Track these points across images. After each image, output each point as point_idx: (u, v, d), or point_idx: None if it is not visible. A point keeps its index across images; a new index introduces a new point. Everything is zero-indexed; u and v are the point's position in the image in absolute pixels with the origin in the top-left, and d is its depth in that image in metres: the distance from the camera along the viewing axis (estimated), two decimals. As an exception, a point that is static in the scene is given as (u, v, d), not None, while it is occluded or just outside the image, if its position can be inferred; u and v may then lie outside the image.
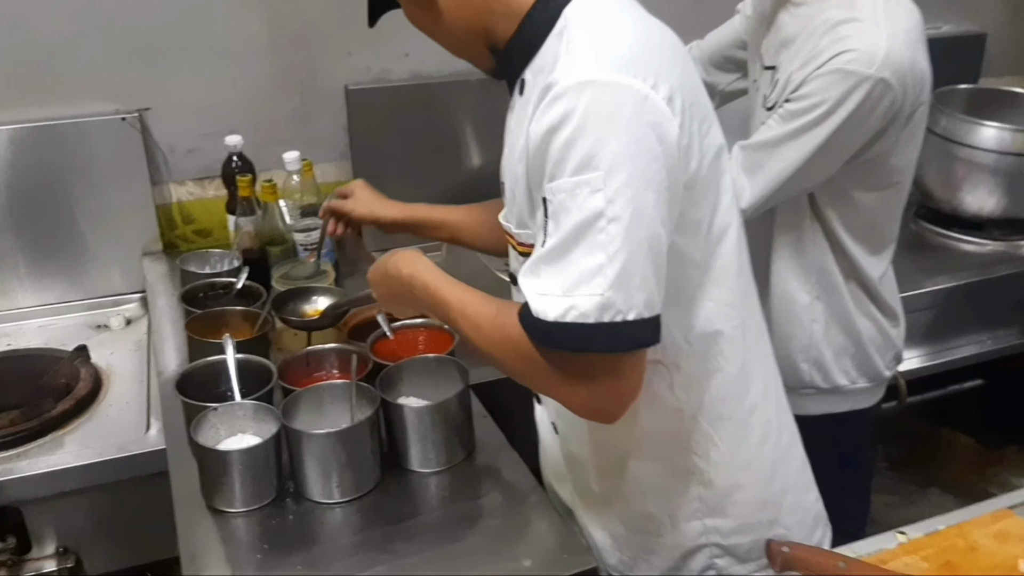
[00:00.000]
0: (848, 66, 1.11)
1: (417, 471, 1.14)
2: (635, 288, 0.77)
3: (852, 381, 1.36)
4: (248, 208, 1.59)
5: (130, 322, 1.75)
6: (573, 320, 0.77)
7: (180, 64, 1.78)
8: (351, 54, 1.91)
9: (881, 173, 1.24)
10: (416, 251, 1.03)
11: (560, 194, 0.77)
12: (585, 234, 0.76)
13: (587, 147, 0.75)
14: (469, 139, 2.03)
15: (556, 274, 0.78)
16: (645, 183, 0.77)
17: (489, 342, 0.86)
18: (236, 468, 1.04)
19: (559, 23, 0.84)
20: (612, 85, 0.76)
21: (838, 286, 1.31)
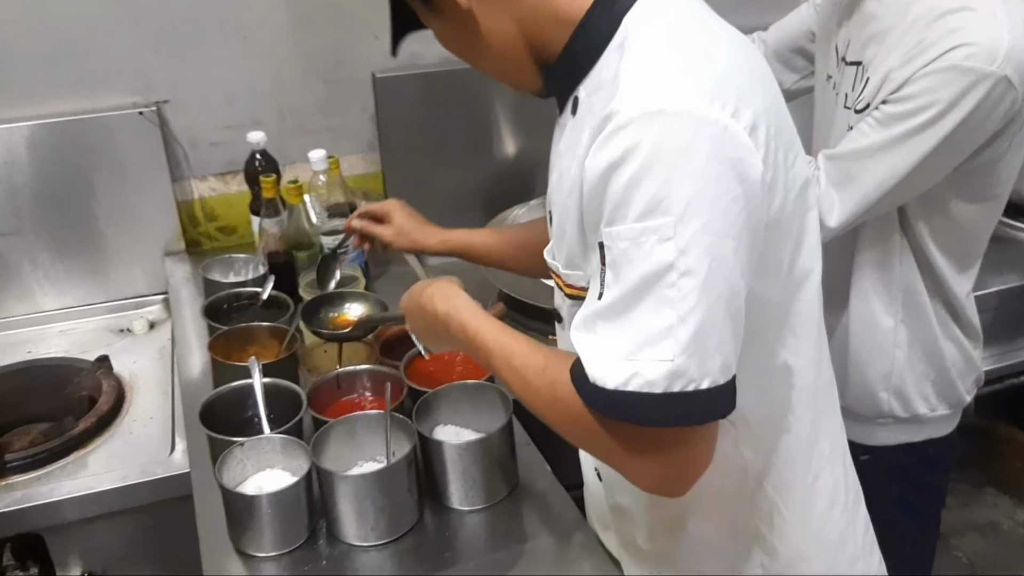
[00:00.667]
0: (966, 62, 0.97)
1: (457, 509, 1.06)
2: (711, 352, 0.66)
3: (932, 409, 1.26)
4: (273, 210, 1.51)
5: (153, 325, 1.68)
6: (637, 389, 0.66)
7: (200, 53, 1.69)
8: (378, 38, 1.80)
9: (985, 183, 1.12)
10: (453, 283, 0.93)
11: (622, 241, 0.67)
12: (652, 289, 0.66)
13: (655, 188, 0.64)
14: (504, 128, 1.93)
15: (616, 334, 0.68)
16: (724, 230, 0.66)
17: (537, 399, 0.76)
18: (265, 512, 0.97)
19: (619, 34, 0.73)
20: (685, 115, 0.65)
21: (924, 307, 1.20)
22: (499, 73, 0.83)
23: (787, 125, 0.75)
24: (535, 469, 1.13)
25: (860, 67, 1.12)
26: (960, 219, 1.14)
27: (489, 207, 1.86)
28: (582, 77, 0.76)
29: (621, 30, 0.73)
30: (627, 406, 0.67)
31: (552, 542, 1.03)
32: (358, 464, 1.08)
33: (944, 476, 1.40)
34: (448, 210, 1.93)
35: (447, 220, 1.95)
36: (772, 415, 0.82)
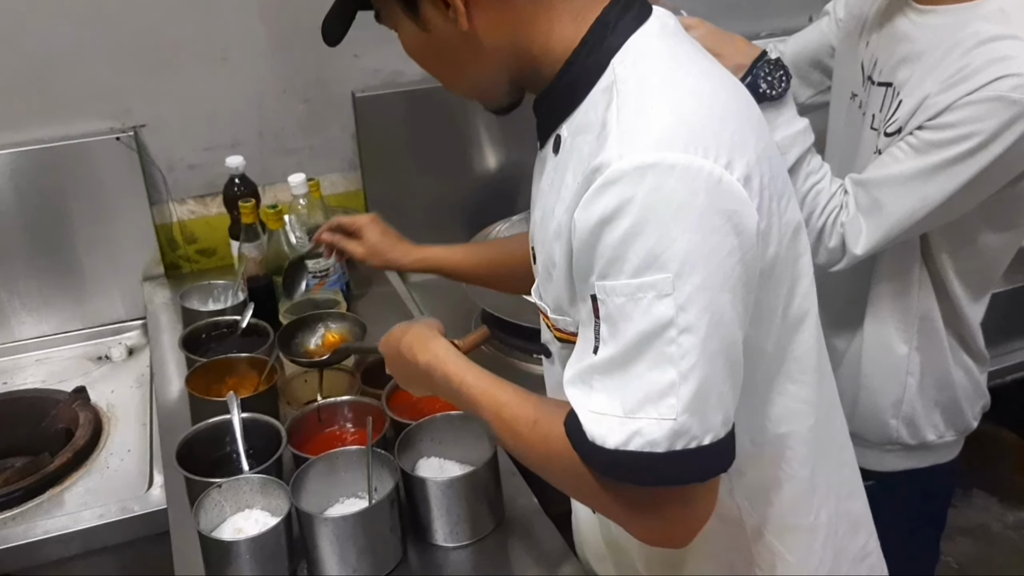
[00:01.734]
0: (1013, 94, 0.94)
1: (442, 546, 1.04)
2: (712, 408, 0.65)
3: (940, 436, 1.24)
4: (252, 234, 1.49)
5: (132, 352, 1.66)
6: (639, 449, 0.64)
7: (178, 75, 1.66)
8: (358, 56, 1.79)
9: (1014, 212, 1.09)
10: (432, 328, 0.90)
11: (618, 297, 0.65)
12: (651, 345, 0.64)
13: (650, 244, 0.63)
14: (486, 144, 1.91)
15: (615, 390, 0.65)
16: (721, 284, 0.64)
17: (531, 453, 0.74)
18: (244, 557, 0.94)
19: (606, 76, 0.70)
20: (679, 169, 0.63)
21: (939, 334, 1.18)
22: (469, 89, 0.80)
23: (780, 171, 0.73)
24: (522, 500, 1.11)
25: (891, 88, 1.09)
26: (984, 249, 1.12)
27: (472, 223, 1.85)
28: (565, 115, 0.74)
29: (608, 72, 0.70)
30: (628, 466, 0.65)
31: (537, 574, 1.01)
32: (340, 500, 1.06)
33: (946, 502, 1.39)
34: (430, 227, 1.91)
35: (429, 237, 1.93)
36: (771, 462, 0.80)
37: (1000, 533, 2.28)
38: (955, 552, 2.23)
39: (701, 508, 0.68)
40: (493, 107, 0.81)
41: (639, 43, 0.71)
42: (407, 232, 1.92)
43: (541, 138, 0.80)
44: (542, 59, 0.74)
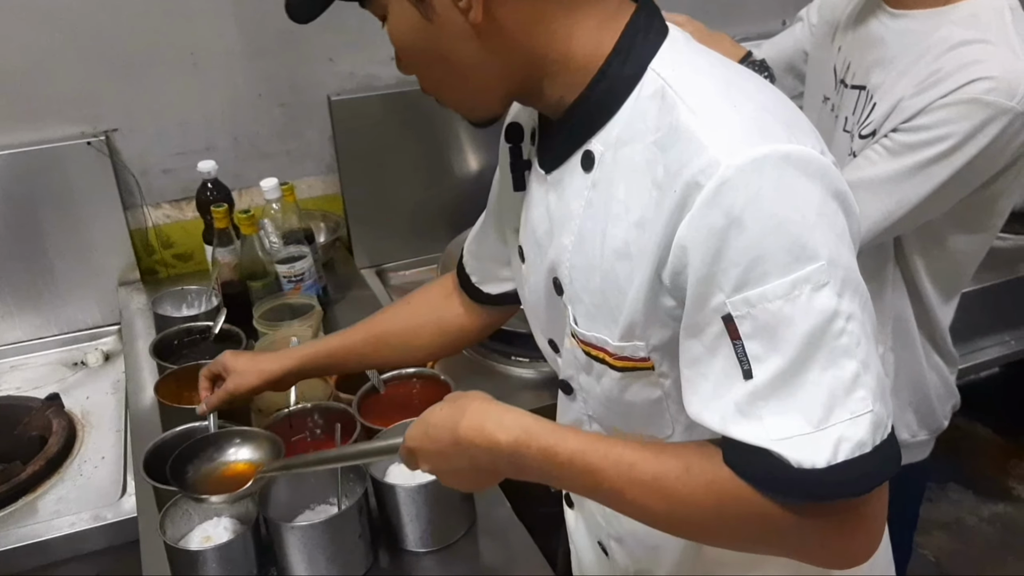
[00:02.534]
0: (986, 96, 0.96)
1: (413, 551, 1.05)
2: (887, 390, 0.62)
3: (913, 435, 1.27)
4: (226, 239, 1.49)
5: (108, 357, 1.65)
6: (849, 456, 0.58)
7: (150, 80, 1.66)
8: (333, 60, 1.79)
9: (984, 214, 1.11)
10: (491, 401, 0.73)
11: (771, 303, 0.59)
12: (822, 343, 0.59)
13: (793, 236, 0.59)
14: (465, 146, 1.91)
15: (791, 408, 0.59)
16: (854, 263, 0.62)
17: (693, 509, 0.64)
18: (211, 566, 0.95)
19: (647, 83, 0.66)
20: (793, 156, 0.60)
21: (912, 335, 1.19)
22: (460, 95, 0.73)
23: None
24: (493, 504, 1.12)
25: (865, 91, 1.10)
26: (955, 251, 1.13)
27: (451, 226, 1.85)
28: (597, 128, 0.69)
29: (650, 79, 0.66)
30: (846, 479, 0.59)
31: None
32: (310, 507, 1.06)
33: (918, 502, 1.41)
34: (410, 230, 1.93)
35: (410, 240, 1.95)
36: None
37: (975, 526, 2.31)
38: (931, 546, 2.26)
39: (886, 500, 0.64)
40: (477, 118, 0.75)
41: (673, 49, 0.68)
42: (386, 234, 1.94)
43: (551, 160, 0.73)
44: (560, 67, 0.68)
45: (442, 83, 0.72)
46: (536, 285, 0.81)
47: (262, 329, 1.37)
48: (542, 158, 0.75)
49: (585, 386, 0.79)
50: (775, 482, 0.60)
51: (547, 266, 0.78)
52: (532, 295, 0.83)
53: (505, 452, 0.69)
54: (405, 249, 1.91)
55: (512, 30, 0.66)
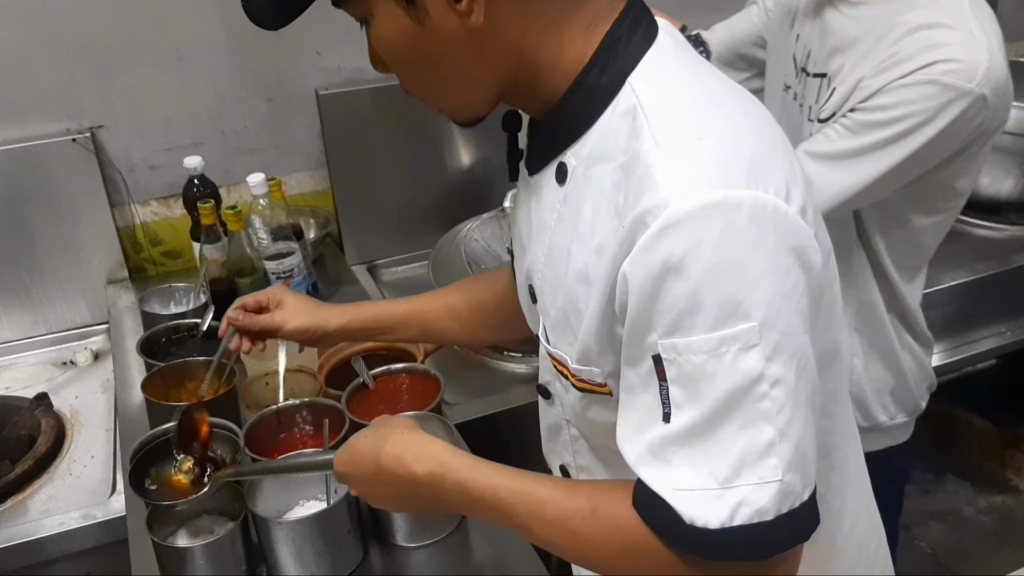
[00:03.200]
0: (946, 78, 0.96)
1: (403, 546, 1.04)
2: (809, 460, 0.59)
3: (891, 417, 1.26)
4: (213, 235, 1.47)
5: (98, 356, 1.64)
6: (746, 521, 0.57)
7: (135, 75, 1.64)
8: (320, 54, 1.77)
9: (943, 196, 1.11)
10: (415, 431, 0.74)
11: (696, 355, 0.57)
12: (741, 403, 0.57)
13: (729, 291, 0.56)
14: (455, 140, 1.90)
15: (701, 460, 0.58)
16: (800, 327, 0.59)
17: (597, 552, 0.63)
18: (199, 563, 0.94)
19: (623, 98, 0.63)
20: (747, 205, 0.56)
21: (880, 318, 1.19)
22: (450, 97, 0.70)
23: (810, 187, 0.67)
24: (483, 499, 1.11)
25: (825, 79, 1.10)
26: (915, 232, 1.14)
27: (443, 221, 1.84)
28: (572, 140, 0.66)
29: (626, 94, 0.63)
30: (737, 543, 0.57)
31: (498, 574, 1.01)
32: (299, 504, 1.05)
33: (901, 485, 1.40)
34: (401, 225, 1.92)
35: (401, 235, 1.94)
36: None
37: (972, 517, 2.31)
38: (928, 537, 2.25)
39: (797, 558, 0.62)
40: (463, 119, 0.72)
41: (655, 61, 0.64)
42: (376, 229, 1.93)
43: (534, 163, 0.72)
44: (548, 71, 0.66)
45: (429, 85, 0.69)
46: (521, 285, 0.81)
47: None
48: (528, 158, 0.74)
49: (559, 393, 0.79)
50: (674, 535, 0.59)
51: (525, 272, 0.77)
52: (520, 294, 0.83)
53: (422, 483, 0.70)
54: (396, 245, 1.90)
55: (508, 33, 0.64)
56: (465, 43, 0.64)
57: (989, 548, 2.22)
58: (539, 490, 0.65)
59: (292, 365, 1.21)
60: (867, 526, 0.85)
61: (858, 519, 0.83)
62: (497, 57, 0.65)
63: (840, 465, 0.78)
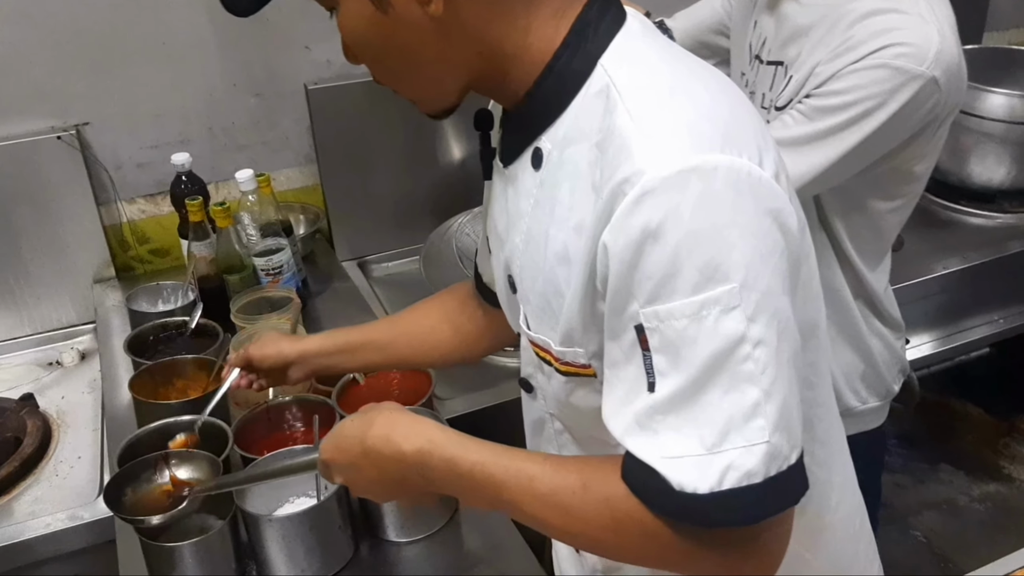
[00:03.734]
0: (896, 61, 0.96)
1: (394, 541, 1.03)
2: (795, 421, 0.59)
3: (863, 401, 1.26)
4: (202, 233, 1.46)
5: (84, 356, 1.62)
6: (735, 485, 0.57)
7: (121, 72, 1.63)
8: (309, 48, 1.76)
9: (901, 181, 1.12)
10: (402, 411, 0.74)
11: (677, 320, 0.57)
12: (724, 367, 0.57)
13: (708, 255, 0.57)
14: (445, 135, 1.89)
15: (687, 426, 0.58)
16: (780, 288, 0.59)
17: (589, 527, 0.63)
18: (188, 562, 0.93)
19: (595, 79, 0.64)
20: (723, 170, 0.57)
21: (846, 302, 1.19)
22: (418, 88, 0.70)
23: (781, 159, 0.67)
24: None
25: (782, 67, 1.11)
26: (875, 217, 1.14)
27: (434, 216, 1.83)
28: (546, 126, 0.66)
29: (598, 75, 0.64)
30: (727, 507, 0.57)
31: (492, 569, 1.00)
32: (290, 500, 1.04)
33: (877, 472, 1.40)
34: (392, 221, 1.90)
35: (391, 229, 1.93)
36: None
37: (967, 506, 2.31)
38: (922, 526, 2.25)
39: (788, 527, 0.62)
40: (433, 110, 0.72)
41: (625, 44, 0.65)
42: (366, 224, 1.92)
43: (508, 154, 0.72)
44: (515, 59, 0.66)
45: (397, 75, 0.70)
46: (499, 279, 0.80)
47: (239, 323, 1.34)
48: (501, 150, 0.74)
49: (542, 385, 0.78)
50: (663, 504, 0.59)
51: (503, 263, 0.77)
52: (498, 289, 0.83)
53: (410, 462, 0.69)
54: (387, 240, 1.89)
55: (471, 22, 0.64)
56: (429, 32, 0.64)
57: (984, 536, 2.22)
58: (529, 465, 0.65)
59: (281, 361, 1.20)
60: (851, 503, 0.85)
61: (844, 494, 0.83)
62: (462, 46, 0.66)
63: (824, 438, 0.78)
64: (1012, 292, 1.96)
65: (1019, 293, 1.97)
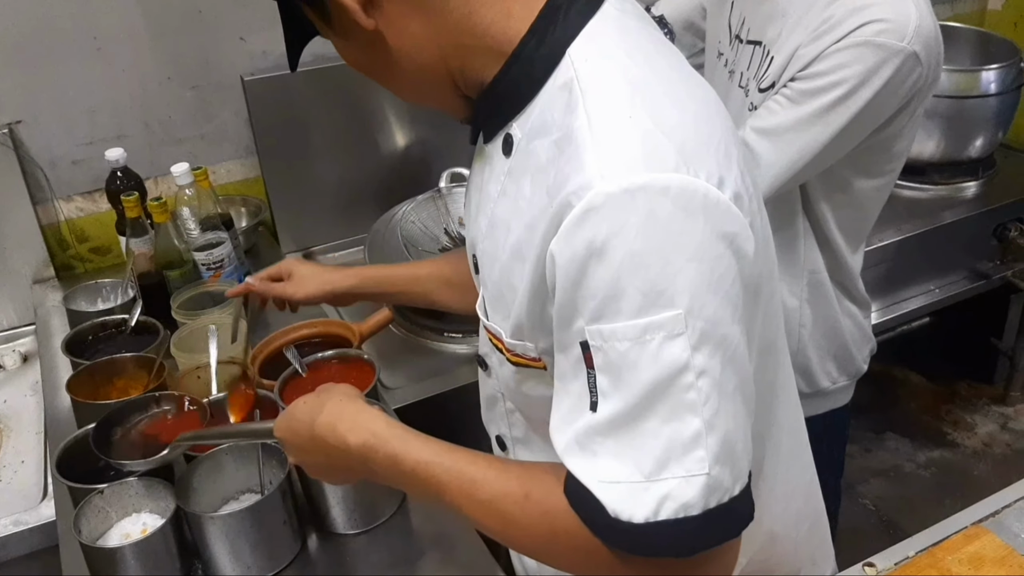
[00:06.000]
0: (878, 38, 0.97)
1: (342, 533, 1.03)
2: (739, 454, 0.58)
3: (833, 381, 1.28)
4: (139, 229, 1.44)
5: (27, 359, 1.60)
6: (671, 516, 0.56)
7: (52, 69, 1.59)
8: (244, 40, 1.73)
9: (884, 158, 1.12)
10: (353, 399, 0.73)
11: (620, 342, 0.56)
12: (666, 394, 0.56)
13: (652, 278, 0.55)
14: (388, 122, 1.88)
15: (626, 452, 0.57)
16: (730, 316, 0.57)
17: (527, 538, 0.63)
18: (130, 563, 0.92)
19: (563, 68, 0.62)
20: (674, 190, 0.55)
21: (825, 285, 1.21)
22: (414, 96, 0.72)
23: (753, 174, 0.66)
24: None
25: (761, 46, 1.10)
26: (858, 197, 1.15)
27: (378, 204, 1.82)
28: (516, 112, 0.65)
29: (565, 65, 0.62)
30: (661, 538, 0.56)
31: (440, 556, 1.01)
32: (236, 497, 1.04)
33: (843, 446, 1.43)
34: (335, 209, 1.89)
35: (335, 219, 1.91)
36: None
37: (912, 472, 2.38)
38: (870, 494, 2.32)
39: (731, 558, 0.61)
40: (456, 117, 0.72)
41: (597, 31, 0.63)
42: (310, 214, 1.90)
43: (486, 133, 0.71)
44: (479, 55, 0.65)
45: (399, 90, 0.71)
46: (468, 255, 0.80)
47: (180, 319, 1.33)
48: (484, 126, 0.72)
49: (495, 366, 0.79)
50: (600, 527, 0.58)
51: (470, 240, 0.77)
52: (469, 264, 0.82)
53: (354, 454, 0.69)
54: (331, 231, 1.88)
55: (411, 27, 0.64)
56: (387, 46, 0.65)
57: (929, 501, 2.29)
58: (471, 469, 0.64)
59: (224, 357, 1.19)
60: (801, 507, 0.85)
61: (791, 500, 0.84)
62: (422, 50, 0.65)
63: (772, 453, 0.78)
64: (946, 262, 2.02)
65: (953, 263, 2.03)
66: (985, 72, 1.97)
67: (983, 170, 2.11)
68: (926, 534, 0.97)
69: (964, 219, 1.98)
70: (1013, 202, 2.03)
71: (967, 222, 1.98)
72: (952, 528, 0.97)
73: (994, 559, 0.91)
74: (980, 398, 2.56)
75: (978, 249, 2.04)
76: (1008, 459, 2.36)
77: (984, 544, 0.93)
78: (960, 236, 1.99)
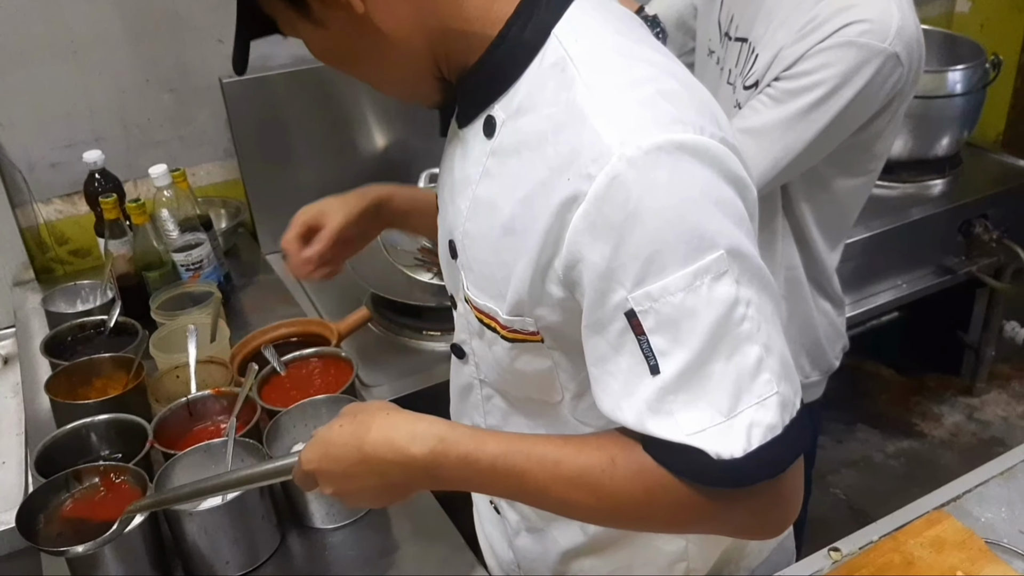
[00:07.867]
0: (860, 38, 0.99)
1: (321, 528, 1.06)
2: (792, 369, 0.62)
3: (806, 377, 1.31)
4: (118, 230, 1.45)
5: (7, 361, 1.60)
6: (763, 441, 0.59)
7: (28, 72, 1.60)
8: (222, 42, 1.75)
9: (865, 158, 1.14)
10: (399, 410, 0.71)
11: (673, 295, 0.59)
12: (726, 332, 0.59)
13: (691, 226, 0.58)
14: (367, 122, 1.90)
15: (701, 399, 0.60)
16: (751, 247, 0.62)
17: (623, 502, 0.64)
18: (109, 561, 0.94)
19: (550, 50, 0.65)
20: (688, 144, 0.59)
21: (800, 282, 1.23)
22: (390, 85, 0.73)
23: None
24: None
25: (747, 44, 1.12)
26: (839, 196, 1.17)
27: (356, 204, 1.83)
28: (499, 94, 0.67)
29: (552, 47, 0.65)
30: (761, 464, 0.60)
31: (419, 550, 1.03)
32: (214, 494, 1.06)
33: (813, 441, 1.47)
34: (315, 211, 1.90)
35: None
36: None
37: (882, 463, 2.43)
38: (841, 484, 2.36)
39: (802, 470, 0.65)
40: (429, 105, 0.74)
41: (578, 16, 0.66)
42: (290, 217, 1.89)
43: (463, 116, 0.72)
44: (463, 37, 0.66)
45: (371, 79, 0.72)
46: (441, 242, 0.81)
47: (159, 320, 1.35)
48: (458, 111, 0.74)
49: (478, 351, 0.79)
50: (698, 473, 0.61)
51: (447, 227, 0.77)
52: (440, 251, 0.82)
53: (421, 465, 0.67)
54: (311, 231, 1.89)
55: (398, 10, 0.65)
56: (370, 33, 0.66)
57: (899, 490, 2.33)
58: (551, 450, 0.65)
59: (203, 356, 1.21)
60: None
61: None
62: (407, 35, 0.66)
63: None
64: (914, 258, 2.07)
65: (920, 258, 2.08)
66: (951, 72, 2.01)
67: (949, 168, 2.15)
68: (889, 519, 0.99)
69: (931, 216, 2.02)
70: (978, 199, 2.07)
71: (934, 219, 2.03)
72: (914, 513, 0.99)
73: (955, 542, 0.93)
74: (947, 390, 2.61)
75: (944, 245, 2.08)
76: (974, 448, 2.41)
77: (945, 528, 0.95)
78: (927, 232, 2.04)
